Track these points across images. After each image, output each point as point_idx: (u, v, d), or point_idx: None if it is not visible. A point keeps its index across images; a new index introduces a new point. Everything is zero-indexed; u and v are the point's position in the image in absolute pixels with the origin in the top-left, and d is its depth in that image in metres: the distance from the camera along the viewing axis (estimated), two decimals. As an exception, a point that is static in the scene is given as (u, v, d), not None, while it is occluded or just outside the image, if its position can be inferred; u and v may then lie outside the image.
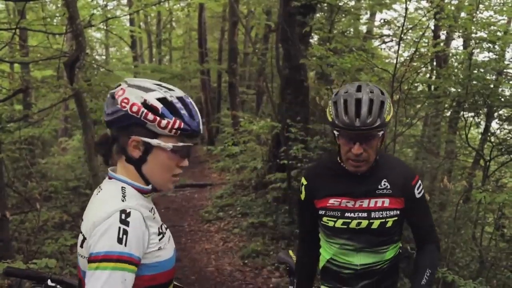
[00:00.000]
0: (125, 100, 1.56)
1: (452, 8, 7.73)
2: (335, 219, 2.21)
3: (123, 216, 1.48)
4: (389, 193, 2.17)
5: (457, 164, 8.99)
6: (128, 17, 20.16)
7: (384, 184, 2.18)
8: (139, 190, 1.63)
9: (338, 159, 2.23)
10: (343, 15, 10.66)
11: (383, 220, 2.16)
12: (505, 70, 7.61)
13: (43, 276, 2.04)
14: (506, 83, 7.17)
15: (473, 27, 7.67)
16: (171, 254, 1.66)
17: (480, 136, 8.69)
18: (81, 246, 1.57)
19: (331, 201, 2.21)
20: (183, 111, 1.59)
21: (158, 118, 1.55)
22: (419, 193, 2.22)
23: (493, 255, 6.76)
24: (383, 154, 2.34)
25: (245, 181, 10.85)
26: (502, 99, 7.34)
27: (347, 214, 2.19)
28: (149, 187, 1.65)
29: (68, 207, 8.64)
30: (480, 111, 7.76)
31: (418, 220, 2.28)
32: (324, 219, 2.24)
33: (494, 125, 8.32)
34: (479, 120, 8.16)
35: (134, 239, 1.47)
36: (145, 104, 1.55)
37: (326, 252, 2.33)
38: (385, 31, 16.03)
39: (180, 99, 1.62)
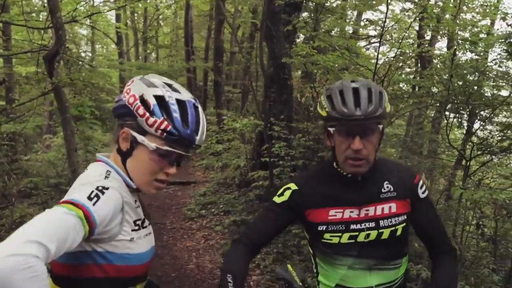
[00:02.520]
0: (128, 90, 1.60)
1: (436, 9, 7.77)
2: (340, 234, 1.90)
3: (101, 188, 1.45)
4: (394, 196, 1.94)
5: (439, 163, 9.05)
6: (114, 14, 20.04)
7: (387, 187, 1.95)
8: (126, 183, 1.60)
9: (334, 164, 1.97)
10: (328, 14, 10.67)
11: (393, 229, 1.91)
12: (487, 71, 7.66)
13: None
14: (487, 83, 7.22)
15: (457, 28, 7.75)
16: (143, 250, 1.62)
17: (463, 136, 8.76)
18: None
19: (332, 212, 1.90)
20: (176, 114, 1.54)
21: (147, 114, 1.52)
22: (423, 192, 2.00)
23: (473, 253, 6.82)
24: (379, 158, 2.08)
25: (229, 179, 10.83)
26: (484, 99, 7.40)
27: (353, 226, 1.90)
28: (134, 185, 1.61)
29: (49, 203, 8.55)
30: (463, 111, 7.81)
31: (427, 225, 2.01)
32: (326, 236, 1.91)
33: (477, 125, 8.40)
34: (461, 120, 8.22)
35: (104, 208, 1.41)
36: (141, 98, 1.55)
37: (330, 278, 1.99)
38: (371, 31, 16.17)
39: (180, 102, 1.58)
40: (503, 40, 6.61)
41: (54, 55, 5.76)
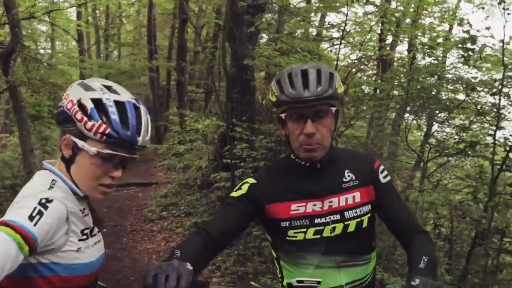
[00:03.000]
0: (66, 96, 1.56)
1: (397, 14, 7.92)
2: (304, 230, 1.79)
3: (44, 201, 1.42)
4: (356, 184, 1.85)
5: (399, 165, 9.24)
6: (75, 10, 19.62)
7: (349, 175, 1.86)
8: (72, 191, 1.57)
9: (292, 155, 1.88)
10: (292, 16, 10.73)
11: (359, 220, 1.82)
12: (445, 75, 7.84)
13: None
14: (444, 87, 7.39)
15: (416, 32, 7.92)
16: (92, 259, 1.60)
17: (421, 139, 8.97)
18: None
19: (294, 207, 1.80)
20: (114, 116, 1.51)
21: (85, 119, 1.50)
22: (384, 177, 1.90)
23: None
24: (336, 147, 2.04)
25: (191, 180, 10.76)
26: (442, 103, 7.58)
27: (317, 220, 1.80)
28: (81, 192, 1.58)
29: (4, 205, 8.29)
30: (422, 114, 7.99)
31: (393, 210, 1.88)
32: (290, 233, 1.80)
33: (435, 127, 8.61)
34: (420, 123, 8.41)
35: (47, 224, 1.38)
36: (79, 102, 1.52)
37: (295, 275, 1.85)
38: (335, 33, 16.34)
39: (119, 103, 1.55)
40: (459, 45, 6.79)
41: (10, 53, 5.58)
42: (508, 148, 6.54)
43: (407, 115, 7.99)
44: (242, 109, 8.77)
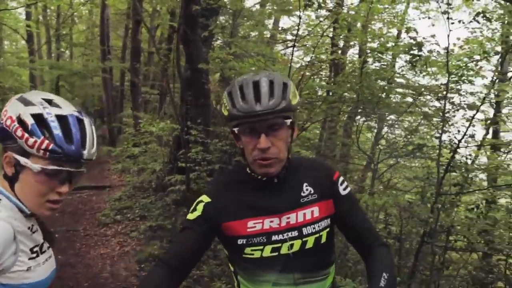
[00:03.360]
0: (5, 112, 1.50)
1: (348, 19, 8.11)
2: (261, 247, 1.71)
3: None
4: (315, 198, 1.77)
5: (351, 167, 9.47)
6: (23, 9, 19.05)
7: (307, 189, 1.77)
8: (18, 208, 1.52)
9: (248, 169, 1.78)
10: (245, 19, 10.82)
11: (317, 235, 1.74)
12: (394, 80, 8.10)
13: None
14: (393, 91, 7.65)
15: (366, 37, 8.14)
16: (43, 277, 1.55)
17: (371, 142, 9.24)
18: None
19: (251, 224, 1.71)
20: (57, 131, 1.46)
21: (26, 135, 1.44)
22: (344, 189, 1.82)
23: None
24: (294, 157, 1.89)
25: (145, 183, 10.67)
26: (391, 106, 7.84)
27: (274, 238, 1.71)
28: (27, 210, 1.53)
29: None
30: (372, 117, 8.23)
31: (353, 223, 1.83)
32: (247, 250, 1.72)
33: (385, 130, 8.90)
34: (371, 125, 8.67)
35: None
36: (18, 118, 1.47)
37: None
38: (289, 36, 16.55)
39: (61, 118, 1.50)
40: (406, 50, 7.04)
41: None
42: (453, 150, 6.85)
43: (358, 117, 8.21)
44: (196, 112, 8.78)
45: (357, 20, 8.40)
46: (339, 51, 10.49)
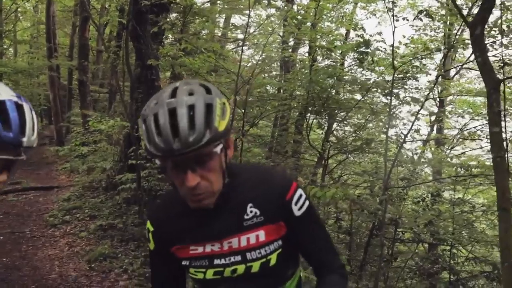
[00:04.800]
0: None
1: (298, 17, 8.23)
2: (203, 270, 1.63)
3: None
4: (261, 222, 1.58)
5: (302, 163, 9.61)
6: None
7: (252, 211, 1.58)
8: None
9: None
10: (196, 17, 10.78)
11: (264, 260, 1.59)
12: (343, 77, 8.28)
13: None
14: (341, 88, 7.82)
15: (316, 36, 8.29)
16: None
17: (321, 137, 9.41)
18: None
19: (193, 247, 1.63)
20: None
21: None
22: (299, 208, 1.59)
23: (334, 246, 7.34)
24: (238, 166, 1.72)
25: (95, 183, 10.45)
26: (340, 103, 8.01)
27: (216, 261, 1.61)
28: None
29: None
30: (323, 113, 8.38)
31: (307, 246, 1.66)
32: (191, 270, 1.66)
33: (334, 126, 9.08)
34: (321, 122, 8.81)
35: None
36: None
37: None
38: (240, 35, 16.63)
39: None
40: (355, 48, 7.21)
41: None
42: (399, 145, 7.08)
43: (308, 114, 8.35)
44: (147, 109, 8.69)
45: (306, 18, 8.55)
46: (289, 50, 10.65)
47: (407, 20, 6.04)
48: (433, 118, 11.33)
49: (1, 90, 1.46)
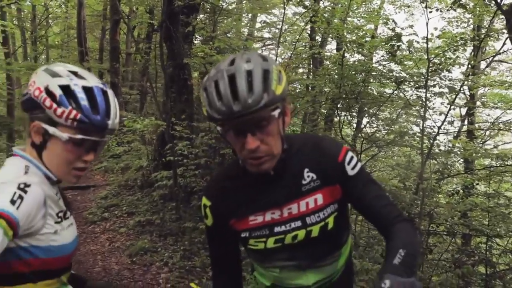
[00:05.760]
0: (32, 83, 1.56)
1: (326, 14, 8.29)
2: (264, 239, 1.66)
3: (23, 185, 1.43)
4: (318, 185, 1.64)
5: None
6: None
7: (309, 176, 1.63)
8: (45, 175, 1.59)
9: (240, 162, 1.64)
10: (225, 16, 10.94)
11: (323, 224, 1.64)
12: (373, 71, 8.30)
13: None
14: (373, 82, 7.84)
15: (345, 31, 8.33)
16: (67, 241, 1.62)
17: (353, 132, 9.44)
18: None
19: (252, 217, 1.66)
20: (84, 102, 1.52)
21: (54, 105, 1.50)
22: (352, 168, 1.63)
23: (365, 240, 7.39)
24: (293, 136, 1.73)
25: (130, 181, 10.67)
26: (371, 97, 8.04)
27: (277, 229, 1.65)
28: (54, 177, 1.60)
29: None
30: (353, 109, 8.43)
31: (366, 203, 1.63)
32: (251, 242, 1.69)
33: (366, 121, 9.11)
34: (351, 117, 8.86)
35: (27, 208, 1.42)
36: (46, 89, 1.52)
37: (264, 277, 1.84)
38: (266, 34, 16.75)
39: (87, 89, 1.55)
40: (384, 43, 7.25)
41: None
42: (433, 137, 7.07)
43: (339, 106, 8.38)
44: (180, 107, 8.88)
45: (335, 14, 8.59)
46: (317, 46, 10.70)
47: (441, 11, 6.05)
48: (463, 112, 11.25)
49: (89, 78, 1.61)
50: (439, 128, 6.86)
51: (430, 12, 6.01)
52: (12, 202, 1.37)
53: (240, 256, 1.88)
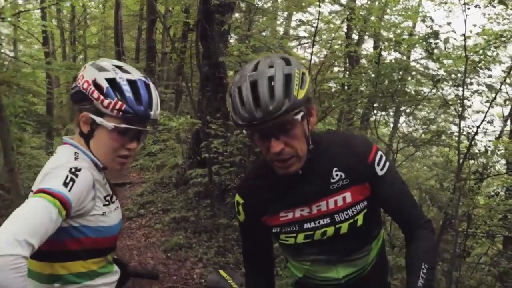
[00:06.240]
0: (81, 77, 1.69)
1: (362, 12, 8.22)
2: (294, 235, 1.72)
3: (74, 169, 1.55)
4: (347, 184, 1.66)
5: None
6: (39, 12, 19.30)
7: (337, 175, 1.66)
8: (93, 162, 1.72)
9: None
10: (260, 15, 10.96)
11: (352, 221, 1.67)
12: (410, 70, 8.18)
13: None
14: (410, 80, 7.72)
15: (382, 29, 8.24)
16: (114, 223, 1.75)
17: (389, 132, 9.33)
18: None
19: (282, 214, 1.72)
20: (128, 94, 1.65)
21: (102, 97, 1.63)
22: (381, 168, 1.67)
23: (401, 241, 7.29)
24: (322, 134, 1.78)
25: (166, 179, 10.83)
26: (407, 96, 7.92)
27: (306, 225, 1.70)
28: (100, 164, 1.72)
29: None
30: (389, 109, 8.32)
31: (393, 202, 1.70)
32: (282, 237, 1.76)
33: (402, 119, 8.98)
34: (388, 116, 8.75)
35: (79, 190, 1.52)
36: (94, 82, 1.65)
37: (297, 270, 1.90)
38: (301, 32, 16.70)
39: (131, 82, 1.68)
40: (423, 40, 7.12)
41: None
42: (471, 137, 6.91)
43: (375, 105, 8.28)
44: (215, 106, 8.95)
45: (371, 12, 8.50)
46: (353, 44, 10.61)
47: (479, 7, 5.91)
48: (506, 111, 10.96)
49: (132, 71, 1.75)
50: (477, 127, 6.69)
51: (469, 9, 5.86)
52: (65, 184, 1.48)
53: (273, 253, 1.96)
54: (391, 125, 9.62)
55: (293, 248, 1.78)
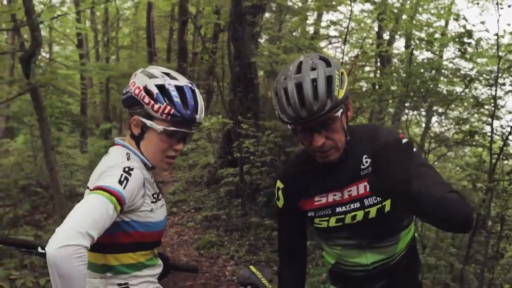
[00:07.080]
0: (133, 83, 1.84)
1: (395, 10, 8.19)
2: (327, 218, 1.86)
3: (127, 169, 1.69)
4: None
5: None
6: (74, 15, 19.75)
7: (367, 162, 1.79)
8: (143, 162, 1.86)
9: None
10: (291, 15, 11.00)
11: (380, 206, 1.77)
12: (442, 69, 8.11)
13: (32, 244, 2.10)
14: (442, 80, 7.66)
15: (413, 29, 8.20)
16: (160, 219, 1.89)
17: (421, 132, 9.26)
18: None
19: (317, 198, 1.87)
20: (177, 99, 1.78)
21: (152, 102, 1.77)
22: None
23: (433, 241, 7.26)
24: (355, 127, 1.92)
25: (197, 178, 11.00)
26: (439, 95, 7.86)
27: (338, 209, 1.83)
28: (150, 164, 1.86)
29: (19, 205, 8.50)
30: (421, 108, 8.27)
31: (421, 186, 1.61)
32: (316, 220, 1.89)
33: (434, 119, 8.90)
34: (420, 116, 8.69)
35: (131, 188, 1.66)
36: (145, 88, 1.80)
37: (330, 256, 2.01)
38: (332, 32, 16.66)
39: (178, 88, 1.81)
40: (456, 39, 7.06)
41: (31, 56, 5.85)
42: (504, 138, 6.82)
43: (407, 105, 8.25)
44: (246, 106, 9.06)
45: (403, 11, 8.48)
46: (385, 44, 10.56)
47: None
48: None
49: (179, 78, 1.89)
50: (511, 127, 6.61)
51: (502, 8, 5.82)
52: (120, 182, 1.63)
53: (306, 244, 2.09)
54: (423, 125, 9.55)
55: (326, 231, 1.90)
